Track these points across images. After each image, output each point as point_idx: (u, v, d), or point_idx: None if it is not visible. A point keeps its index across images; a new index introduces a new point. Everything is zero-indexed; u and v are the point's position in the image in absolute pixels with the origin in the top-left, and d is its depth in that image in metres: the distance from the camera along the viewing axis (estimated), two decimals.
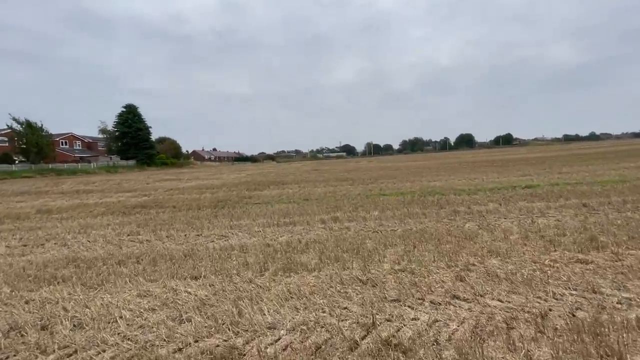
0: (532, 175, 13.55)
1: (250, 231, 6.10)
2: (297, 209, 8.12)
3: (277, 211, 8.01)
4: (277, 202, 9.82)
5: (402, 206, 7.78)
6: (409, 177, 16.02)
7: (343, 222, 6.38)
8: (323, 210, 7.74)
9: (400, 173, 19.03)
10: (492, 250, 4.15)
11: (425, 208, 7.43)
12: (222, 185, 16.45)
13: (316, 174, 22.18)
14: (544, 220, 5.81)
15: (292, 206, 8.71)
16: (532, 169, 16.51)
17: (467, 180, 13.00)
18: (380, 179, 15.77)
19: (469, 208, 7.23)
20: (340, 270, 3.75)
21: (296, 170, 29.93)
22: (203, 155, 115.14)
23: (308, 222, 6.48)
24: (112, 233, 6.46)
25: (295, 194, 11.56)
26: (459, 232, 5.16)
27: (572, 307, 2.74)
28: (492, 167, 19.99)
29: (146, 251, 4.98)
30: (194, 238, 5.84)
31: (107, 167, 48.85)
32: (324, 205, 8.44)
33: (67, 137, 59.15)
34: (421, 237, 4.96)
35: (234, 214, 8.01)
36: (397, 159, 62.65)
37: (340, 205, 8.25)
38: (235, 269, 3.94)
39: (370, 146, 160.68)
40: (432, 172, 18.11)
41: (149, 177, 27.71)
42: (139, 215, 8.59)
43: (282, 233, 5.87)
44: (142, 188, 17.05)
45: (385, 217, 6.69)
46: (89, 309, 3.09)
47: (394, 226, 5.93)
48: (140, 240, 5.83)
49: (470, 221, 6.03)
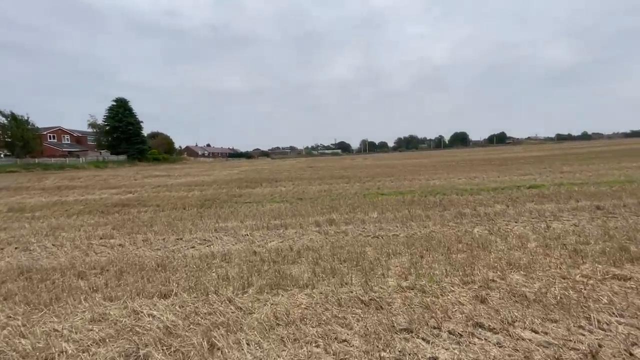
0: (534, 174, 13.12)
1: (237, 235, 5.50)
2: (289, 210, 7.53)
3: (268, 212, 7.41)
4: (268, 201, 9.22)
5: (403, 207, 7.23)
6: (407, 175, 15.51)
7: (340, 225, 5.80)
8: (318, 211, 7.16)
9: (397, 171, 18.52)
10: (512, 262, 3.61)
11: (428, 209, 6.89)
12: (213, 182, 15.77)
13: (311, 171, 21.58)
14: (560, 224, 5.30)
15: (285, 206, 8.12)
16: (532, 168, 16.10)
17: (468, 179, 12.51)
18: (377, 177, 15.24)
19: (474, 210, 6.71)
20: (338, 286, 3.18)
21: (291, 167, 29.28)
22: (196, 151, 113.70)
23: (301, 225, 5.90)
24: (83, 236, 5.81)
25: (288, 192, 10.96)
26: (469, 239, 4.62)
27: (626, 342, 2.21)
28: (490, 165, 19.57)
29: (115, 259, 4.35)
30: (173, 243, 5.22)
31: (96, 162, 47.64)
32: (319, 206, 7.86)
33: (55, 130, 57.56)
34: (428, 244, 4.41)
35: (221, 214, 7.39)
36: (393, 156, 62.26)
37: (337, 206, 7.67)
38: (213, 284, 3.35)
39: (365, 143, 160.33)
40: (430, 170, 17.62)
41: (137, 172, 26.84)
42: (118, 215, 7.92)
43: (271, 237, 5.28)
44: (129, 184, 16.30)
45: (385, 219, 6.13)
46: (25, 340, 2.48)
47: (395, 230, 5.37)
48: (112, 245, 5.19)
49: (478, 225, 5.50)
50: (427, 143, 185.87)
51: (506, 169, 16.55)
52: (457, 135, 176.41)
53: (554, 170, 14.37)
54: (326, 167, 27.68)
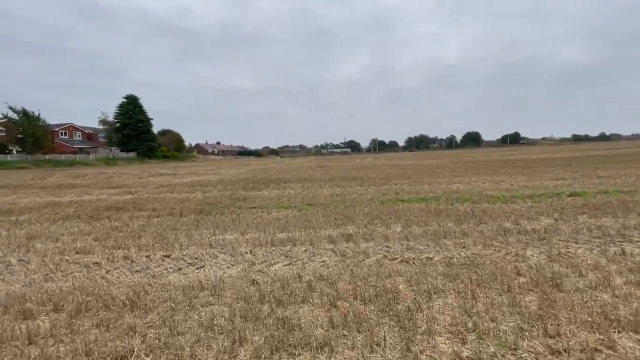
0: (567, 179, 11.90)
1: (235, 253, 4.58)
2: (298, 219, 6.59)
3: (274, 221, 6.48)
4: (275, 206, 8.30)
5: (430, 218, 6.22)
6: (424, 177, 14.42)
7: (358, 242, 4.83)
8: (331, 222, 6.19)
9: (413, 172, 17.41)
10: (608, 313, 2.59)
11: (461, 222, 5.87)
12: (218, 183, 14.95)
13: (321, 172, 20.62)
14: (635, 248, 4.23)
15: (293, 214, 7.18)
16: (561, 171, 14.83)
17: (493, 184, 11.38)
18: (392, 178, 14.19)
19: (517, 224, 5.66)
20: (367, 351, 2.22)
21: (300, 167, 28.38)
22: (206, 149, 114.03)
23: (312, 241, 4.94)
24: (57, 250, 4.97)
25: (297, 195, 10.04)
26: (527, 268, 3.60)
27: None
28: (513, 168, 18.30)
29: (80, 287, 3.48)
30: (157, 262, 4.33)
31: (105, 159, 47.63)
32: (332, 214, 6.90)
33: (66, 127, 57.92)
34: (476, 275, 3.41)
35: (220, 223, 6.49)
36: (405, 156, 60.83)
37: (352, 215, 6.70)
38: (191, 341, 2.42)
39: (375, 143, 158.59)
40: (448, 172, 16.48)
41: (144, 170, 26.31)
42: (107, 221, 7.10)
43: (276, 257, 4.35)
44: (132, 184, 15.62)
45: (412, 235, 5.13)
46: None
47: (428, 251, 4.38)
48: (85, 263, 4.33)
49: (530, 246, 4.46)
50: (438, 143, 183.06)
51: (532, 171, 15.30)
52: (469, 135, 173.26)
53: (587, 174, 13.10)
54: (336, 166, 26.69)
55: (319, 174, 18.86)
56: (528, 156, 34.04)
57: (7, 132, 40.86)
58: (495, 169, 17.61)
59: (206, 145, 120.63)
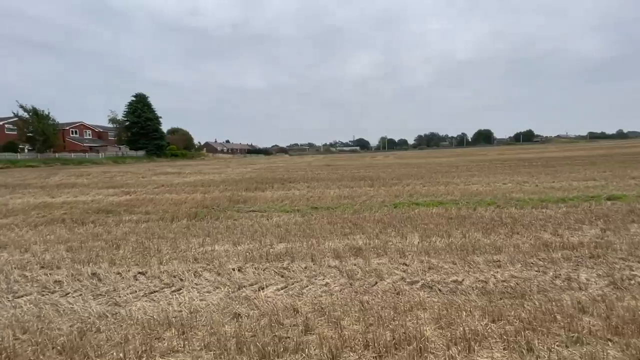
0: (597, 179, 10.87)
1: (222, 270, 3.85)
2: (300, 226, 5.83)
3: (273, 228, 5.74)
4: (276, 210, 7.57)
5: (452, 226, 5.39)
6: (438, 177, 13.50)
7: (369, 258, 4.05)
8: (337, 230, 5.42)
9: (425, 171, 16.49)
10: None
11: (489, 232, 5.02)
12: (221, 182, 14.32)
13: (329, 171, 19.84)
14: None
15: (295, 219, 6.43)
16: (587, 171, 13.72)
17: (515, 185, 10.44)
18: (404, 178, 13.32)
19: (557, 235, 4.79)
20: None
21: (307, 165, 27.65)
22: (216, 147, 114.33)
23: (313, 256, 4.17)
24: (19, 263, 4.32)
25: (302, 197, 9.29)
26: (590, 301, 2.77)
27: None
28: (533, 167, 17.21)
29: (18, 321, 2.78)
30: (128, 282, 3.63)
31: (114, 158, 47.77)
32: (339, 220, 6.12)
33: (77, 126, 58.38)
34: (525, 311, 2.60)
35: (212, 230, 5.78)
36: (415, 154, 59.59)
37: (361, 222, 5.91)
38: None
39: (384, 141, 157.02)
40: (464, 171, 15.51)
41: (150, 169, 25.94)
42: (91, 226, 6.47)
43: (269, 277, 3.61)
44: (133, 183, 15.10)
45: (433, 248, 4.32)
46: None
47: (454, 271, 3.57)
48: (44, 283, 3.66)
49: (582, 266, 3.61)
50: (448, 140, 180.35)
51: (555, 171, 14.24)
52: (480, 132, 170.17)
53: (618, 174, 12.00)
54: (345, 165, 25.87)
55: (327, 173, 18.09)
56: (545, 154, 32.61)
57: (18, 130, 41.19)
58: (514, 168, 16.56)
59: (215, 144, 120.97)
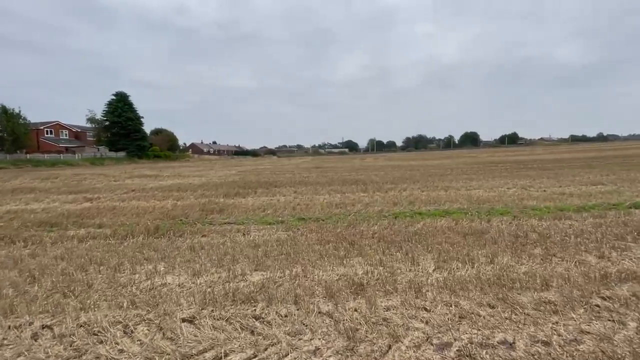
0: (605, 183, 10.11)
1: (165, 324, 2.68)
2: (283, 245, 4.69)
3: (248, 249, 4.58)
4: (257, 221, 6.41)
5: (470, 245, 4.35)
6: (435, 180, 12.56)
7: (374, 300, 2.94)
8: (329, 253, 4.30)
9: (419, 175, 15.56)
10: None
11: (519, 254, 4.00)
12: (200, 187, 13.03)
13: (318, 173, 18.72)
14: None
15: (277, 235, 5.29)
16: (589, 174, 13.03)
17: (520, 189, 9.57)
18: (399, 182, 12.32)
19: (604, 257, 3.81)
20: None
21: (295, 168, 26.47)
22: (202, 149, 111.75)
23: (297, 297, 3.04)
24: None
25: (287, 204, 8.15)
26: None
27: None
28: (530, 170, 16.54)
29: None
30: (26, 343, 2.43)
31: (92, 159, 45.42)
32: (331, 238, 5.00)
33: (52, 125, 55.49)
34: None
35: (171, 252, 4.59)
36: (405, 156, 59.10)
37: (359, 241, 4.80)
38: None
39: (373, 143, 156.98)
40: (461, 175, 14.65)
41: (126, 171, 24.28)
42: (19, 245, 5.18)
43: (233, 337, 2.47)
44: (101, 188, 13.64)
45: (457, 281, 3.25)
46: None
47: (498, 324, 2.51)
48: None
49: None
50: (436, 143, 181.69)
51: (555, 174, 13.51)
52: (467, 135, 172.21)
53: (623, 177, 11.31)
54: (335, 167, 24.81)
55: (315, 176, 16.97)
56: (535, 157, 32.34)
57: None
58: (511, 171, 15.81)
59: (202, 145, 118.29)
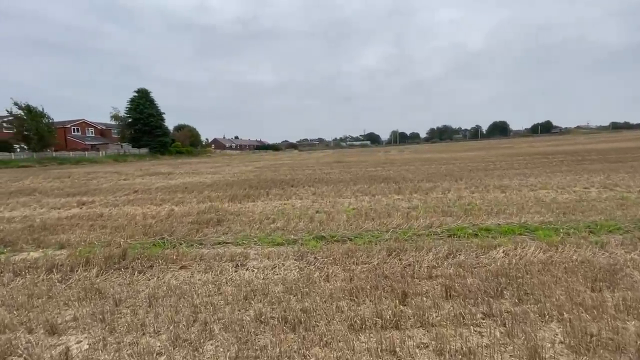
0: None
1: None
2: (290, 296, 3.03)
3: (236, 303, 2.95)
4: (260, 241, 4.79)
5: (601, 301, 2.51)
6: (481, 177, 10.50)
7: None
8: (364, 316, 2.58)
9: (457, 169, 13.46)
10: None
11: None
12: (209, 186, 11.63)
13: (340, 169, 16.96)
14: None
15: (284, 271, 3.64)
16: None
17: (605, 189, 7.46)
18: (437, 179, 10.37)
19: None
20: None
21: (316, 162, 24.80)
22: (224, 144, 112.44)
23: None
24: None
25: (304, 212, 6.50)
26: None
27: None
28: (594, 163, 14.04)
29: None
30: None
31: (115, 156, 45.77)
32: (366, 281, 3.29)
33: (79, 123, 56.60)
34: None
35: (116, 303, 3.04)
36: (432, 148, 56.08)
37: (411, 286, 3.05)
38: None
39: (395, 134, 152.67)
40: (508, 169, 12.43)
41: (141, 169, 23.51)
42: None
43: None
44: (105, 188, 12.54)
45: None
46: None
47: None
48: None
49: None
50: (462, 133, 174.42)
51: (631, 168, 11.10)
52: (495, 124, 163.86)
53: None
54: (357, 162, 22.92)
55: (338, 172, 15.22)
56: (579, 146, 29.01)
57: (15, 129, 39.41)
58: (570, 165, 13.39)
59: (224, 140, 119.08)
